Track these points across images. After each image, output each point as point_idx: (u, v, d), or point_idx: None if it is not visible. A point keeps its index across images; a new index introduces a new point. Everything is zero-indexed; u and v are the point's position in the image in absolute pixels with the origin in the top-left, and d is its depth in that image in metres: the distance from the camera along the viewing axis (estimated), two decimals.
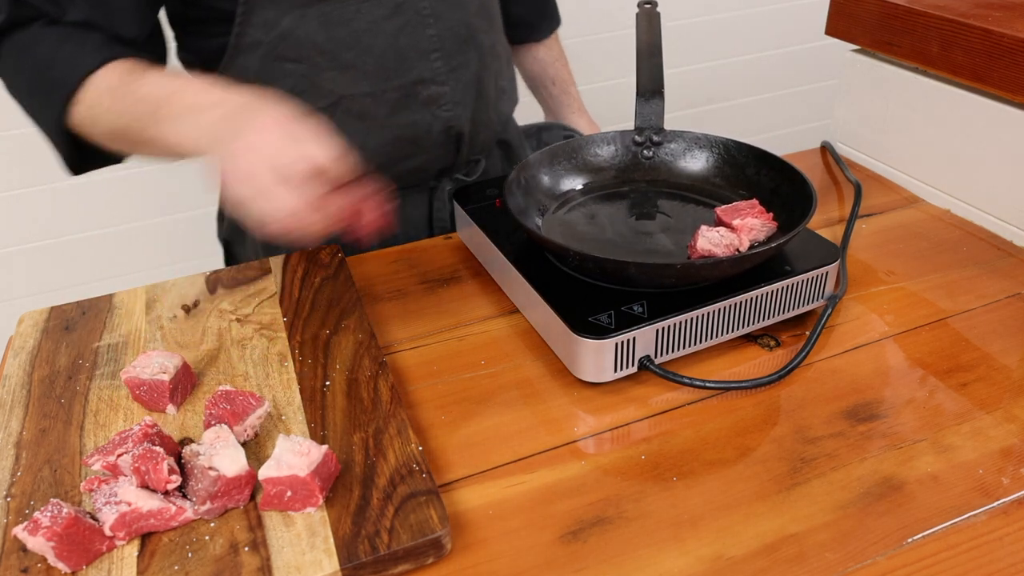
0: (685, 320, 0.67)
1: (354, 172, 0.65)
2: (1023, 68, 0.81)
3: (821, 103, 2.35)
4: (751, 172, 0.82)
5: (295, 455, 0.54)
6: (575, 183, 0.86)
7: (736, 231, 0.73)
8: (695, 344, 0.69)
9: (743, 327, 0.71)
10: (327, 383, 0.65)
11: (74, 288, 1.84)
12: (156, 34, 0.83)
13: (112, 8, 0.75)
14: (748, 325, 0.71)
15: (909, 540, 0.53)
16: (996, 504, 0.55)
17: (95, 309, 0.77)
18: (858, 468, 0.59)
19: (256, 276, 0.80)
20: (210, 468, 0.54)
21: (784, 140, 2.38)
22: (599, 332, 0.64)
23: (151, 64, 0.74)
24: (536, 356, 0.72)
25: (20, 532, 0.50)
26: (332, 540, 0.52)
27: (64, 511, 0.51)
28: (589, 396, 0.67)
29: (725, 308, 0.68)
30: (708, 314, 0.68)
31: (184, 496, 0.55)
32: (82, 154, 0.79)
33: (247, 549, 0.52)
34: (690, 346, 0.69)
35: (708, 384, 0.66)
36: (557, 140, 1.11)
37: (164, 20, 0.86)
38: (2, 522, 0.54)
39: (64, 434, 0.62)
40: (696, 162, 0.87)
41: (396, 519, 0.53)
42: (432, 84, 0.88)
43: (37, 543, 0.50)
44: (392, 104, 0.87)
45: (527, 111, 1.21)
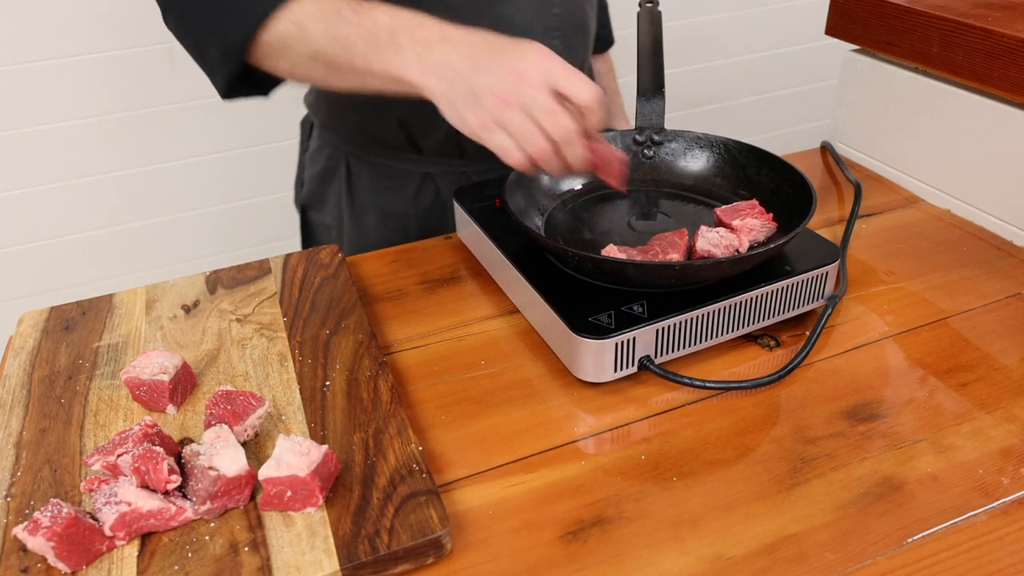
0: (685, 320, 0.67)
1: (604, 124, 0.66)
2: (1023, 68, 0.81)
3: (821, 103, 2.35)
4: (751, 172, 0.82)
5: (295, 455, 0.54)
6: (575, 183, 0.86)
7: (736, 231, 0.73)
8: (695, 344, 0.69)
9: (743, 327, 0.71)
10: (327, 383, 0.66)
11: (74, 288, 1.84)
12: None
13: None
14: (748, 325, 0.71)
15: (909, 540, 0.53)
16: (996, 504, 0.55)
17: (95, 309, 0.77)
18: (858, 468, 0.59)
19: (256, 276, 0.81)
20: (210, 468, 0.54)
21: (784, 140, 2.38)
22: (599, 332, 0.64)
23: None
24: (536, 356, 0.72)
25: (20, 532, 0.50)
26: (332, 540, 0.52)
27: (64, 511, 0.51)
28: (589, 396, 0.67)
29: (725, 308, 0.68)
30: (708, 314, 0.68)
31: (184, 496, 0.55)
32: (240, 79, 0.76)
33: (247, 549, 0.52)
34: (690, 346, 0.69)
35: (708, 384, 0.66)
36: None
37: None
38: (2, 522, 0.54)
39: (64, 434, 0.62)
40: (696, 162, 0.87)
41: (396, 519, 0.53)
42: None
43: (37, 543, 0.50)
44: None
45: None
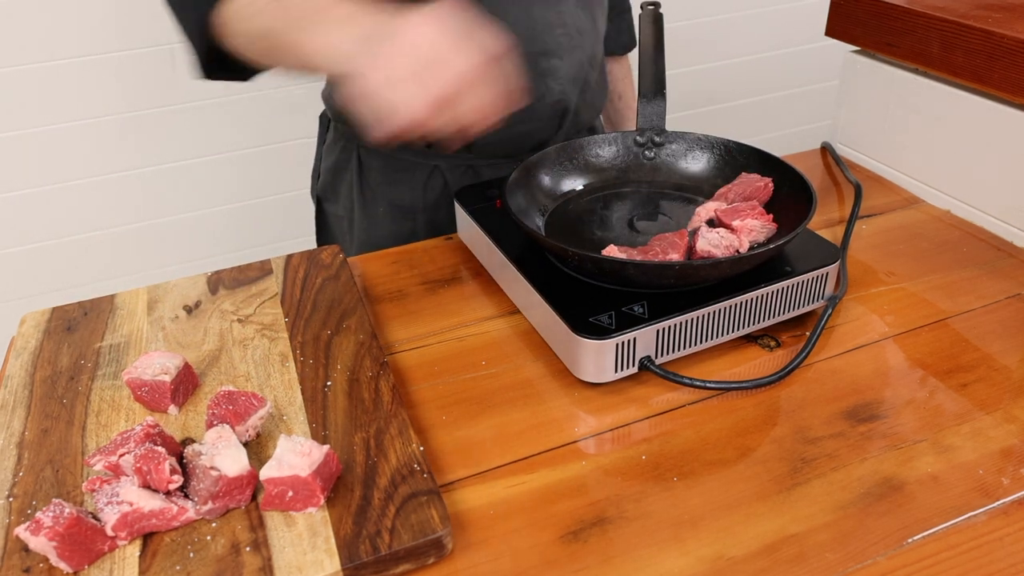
0: (685, 320, 0.67)
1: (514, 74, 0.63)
2: (1023, 69, 0.81)
3: (821, 104, 2.35)
4: (752, 173, 0.82)
5: (296, 455, 0.54)
6: (576, 184, 0.86)
7: (736, 232, 0.73)
8: (695, 344, 0.69)
9: (743, 327, 0.71)
10: (328, 383, 0.66)
11: (76, 289, 1.84)
12: None
13: None
14: (748, 325, 0.71)
15: (909, 540, 0.53)
16: (996, 504, 0.56)
17: (97, 310, 0.77)
18: (858, 468, 0.59)
19: (257, 277, 0.81)
20: (212, 468, 0.54)
21: (784, 141, 2.39)
22: (600, 332, 0.64)
23: None
24: (537, 356, 0.72)
25: (22, 532, 0.51)
26: (333, 540, 0.52)
27: (66, 511, 0.51)
28: (590, 396, 0.67)
29: (725, 308, 0.68)
30: (708, 314, 0.68)
31: (186, 496, 0.55)
32: (218, 61, 0.77)
33: (249, 549, 0.52)
34: (690, 346, 0.69)
35: (708, 384, 0.66)
36: None
37: None
38: (4, 522, 0.54)
39: (66, 434, 0.62)
40: (697, 163, 0.87)
41: (397, 519, 0.53)
42: (552, 57, 0.92)
43: (39, 543, 0.50)
44: None
45: None
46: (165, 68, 1.67)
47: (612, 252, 0.71)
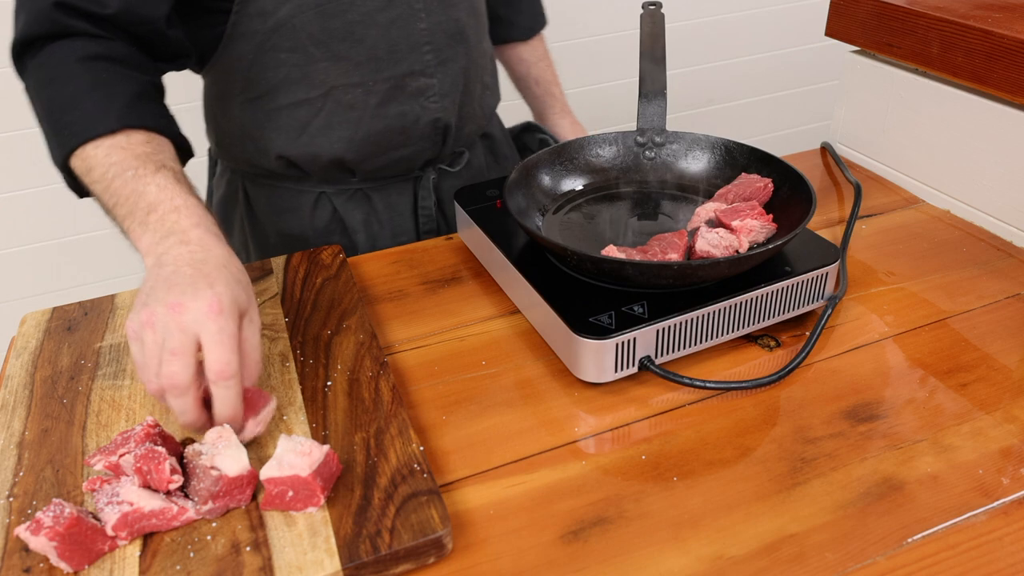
0: (685, 320, 0.67)
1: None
2: (1023, 69, 0.81)
3: (821, 104, 2.35)
4: (752, 173, 0.82)
5: (297, 455, 0.54)
6: (576, 183, 0.86)
7: (735, 232, 0.73)
8: (695, 344, 0.69)
9: (743, 327, 0.71)
10: (328, 383, 0.66)
11: (76, 289, 1.84)
12: (172, 20, 0.80)
13: None
14: (748, 325, 0.71)
15: (909, 540, 0.53)
16: (996, 504, 0.56)
17: (97, 310, 0.77)
18: (858, 468, 0.59)
19: (258, 277, 0.81)
20: (212, 468, 0.54)
21: (784, 141, 2.39)
22: (600, 332, 0.64)
23: (163, 137, 0.72)
24: (537, 356, 0.72)
25: (23, 532, 0.51)
26: (334, 540, 0.52)
27: (66, 511, 0.51)
28: (590, 396, 0.67)
29: (725, 308, 0.68)
30: (708, 314, 0.68)
31: (186, 496, 0.55)
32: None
33: (249, 549, 0.52)
34: (690, 346, 0.69)
35: (708, 384, 0.66)
36: (534, 143, 1.13)
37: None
38: (5, 522, 0.54)
39: (66, 434, 0.62)
40: (697, 163, 0.87)
41: (397, 519, 0.53)
42: (421, 76, 0.90)
43: (39, 543, 0.50)
44: (382, 95, 0.89)
45: (516, 112, 1.21)
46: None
47: (611, 252, 0.71)
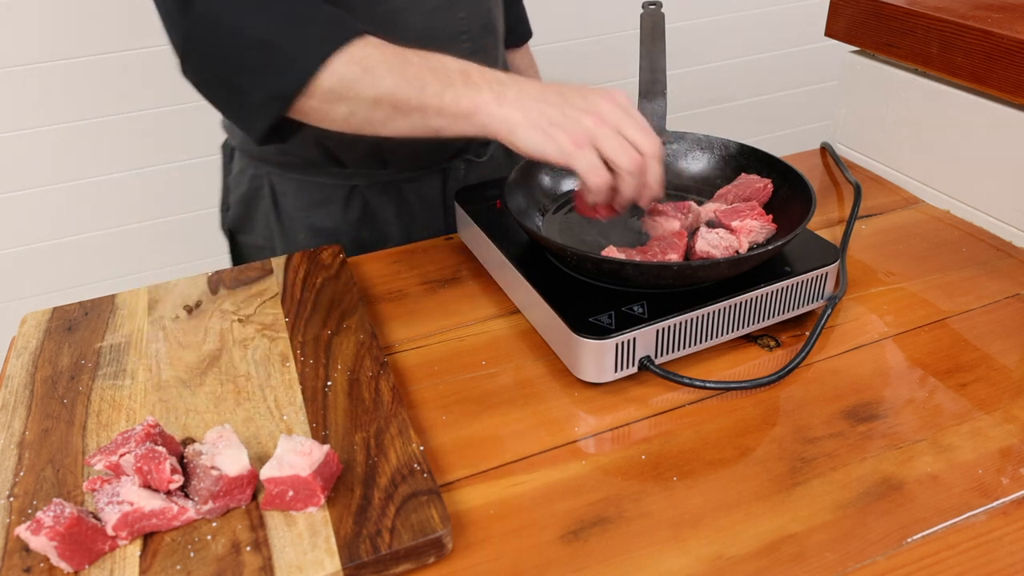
0: (685, 320, 0.67)
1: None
2: (1022, 69, 0.81)
3: (821, 104, 2.35)
4: (751, 173, 0.82)
5: (297, 455, 0.54)
6: (576, 183, 0.86)
7: (735, 232, 0.73)
8: (695, 344, 0.69)
9: (743, 327, 0.71)
10: (329, 383, 0.66)
11: (76, 289, 1.84)
12: None
13: None
14: (748, 325, 0.71)
15: (908, 540, 0.53)
16: (995, 504, 0.56)
17: (97, 309, 0.77)
18: (858, 468, 0.59)
19: (258, 276, 0.81)
20: (212, 468, 0.54)
21: (784, 141, 2.39)
22: (599, 332, 0.64)
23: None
24: (537, 356, 0.72)
25: (23, 532, 0.51)
26: (334, 540, 0.52)
27: (67, 511, 0.51)
28: (589, 396, 0.67)
29: (725, 309, 0.68)
30: (708, 314, 0.68)
31: (186, 496, 0.55)
32: (279, 125, 0.74)
33: (249, 549, 0.52)
34: (690, 346, 0.69)
35: (708, 384, 0.66)
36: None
37: None
38: (5, 522, 0.54)
39: (67, 434, 0.62)
40: (697, 163, 0.87)
41: (397, 519, 0.53)
42: None
43: (40, 543, 0.50)
44: None
45: None
46: (165, 68, 1.67)
47: (611, 252, 0.71)
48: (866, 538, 0.53)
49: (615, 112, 0.66)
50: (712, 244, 0.71)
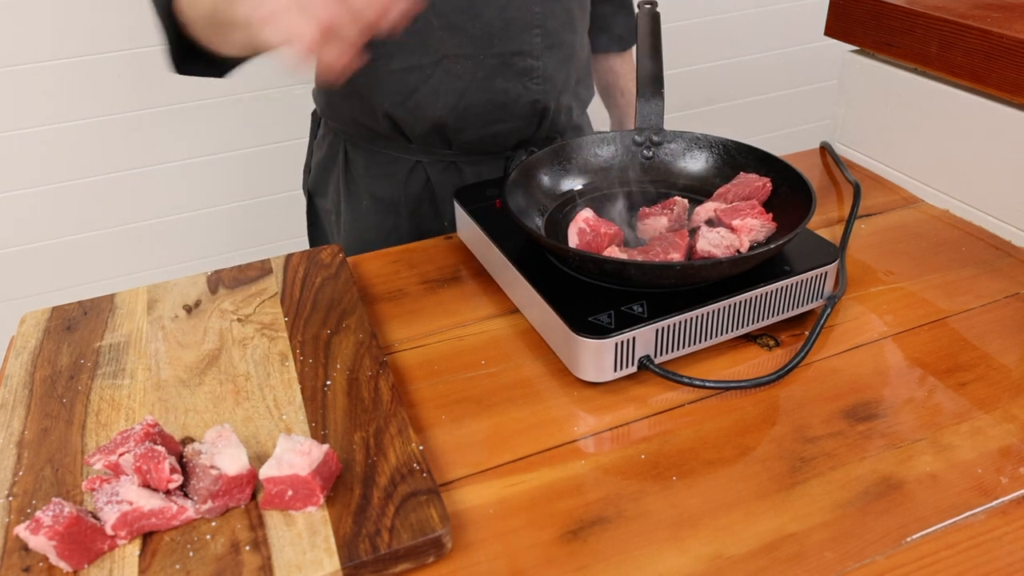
0: (685, 320, 0.67)
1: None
2: (1022, 69, 0.81)
3: (821, 103, 2.35)
4: (751, 172, 0.82)
5: (296, 454, 0.54)
6: (575, 183, 0.86)
7: (736, 231, 0.73)
8: (695, 344, 0.69)
9: (743, 327, 0.71)
10: (328, 383, 0.66)
11: (76, 288, 1.84)
12: None
13: None
14: (748, 325, 0.71)
15: (908, 539, 0.53)
16: (995, 503, 0.56)
17: (96, 309, 0.77)
18: (857, 467, 0.59)
19: (257, 276, 0.81)
20: (211, 467, 0.54)
21: (784, 140, 2.39)
22: (599, 332, 0.64)
23: None
24: (536, 356, 0.72)
25: (22, 531, 0.51)
26: (333, 539, 0.52)
27: (66, 510, 0.51)
28: (589, 396, 0.67)
29: (725, 308, 0.68)
30: (708, 314, 0.68)
31: (185, 495, 0.55)
32: (189, 53, 0.78)
33: (248, 548, 0.52)
34: (690, 346, 0.69)
35: (708, 384, 0.66)
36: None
37: None
38: (4, 521, 0.54)
39: (66, 433, 0.62)
40: (696, 162, 0.87)
41: (397, 518, 0.53)
42: (528, 57, 0.93)
43: (39, 542, 0.50)
44: (489, 70, 0.92)
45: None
46: (164, 68, 1.67)
47: (613, 252, 0.71)
48: (865, 537, 0.53)
49: None
50: (713, 243, 0.71)
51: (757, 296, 0.69)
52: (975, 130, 0.89)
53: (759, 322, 0.71)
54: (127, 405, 0.65)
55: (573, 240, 0.74)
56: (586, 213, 0.74)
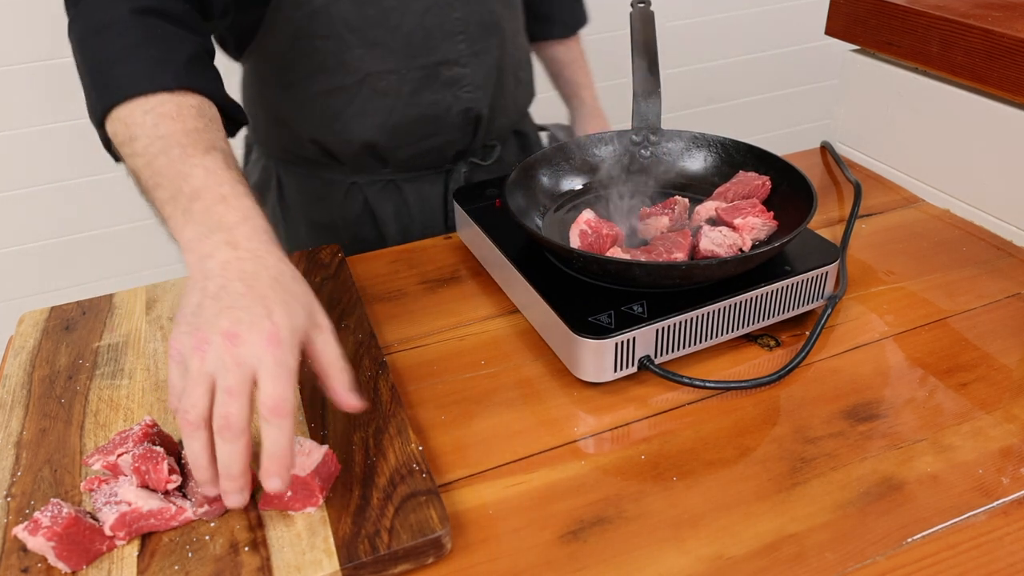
0: (685, 320, 0.67)
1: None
2: (1023, 68, 0.81)
3: (821, 103, 2.35)
4: (749, 171, 0.82)
5: (295, 455, 0.54)
6: (575, 183, 0.86)
7: (738, 230, 0.73)
8: (695, 344, 0.69)
9: (743, 327, 0.71)
10: None
11: (74, 288, 1.84)
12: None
13: None
14: (748, 325, 0.71)
15: (909, 540, 0.53)
16: (996, 504, 0.56)
17: (95, 309, 0.77)
18: (858, 468, 0.59)
19: None
20: None
21: (784, 140, 2.39)
22: (599, 332, 0.64)
23: (215, 110, 0.65)
24: (536, 356, 0.72)
25: (20, 532, 0.50)
26: (332, 540, 0.52)
27: (64, 511, 0.51)
28: (589, 396, 0.67)
29: (725, 308, 0.68)
30: (708, 314, 0.68)
31: (184, 496, 0.55)
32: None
33: (247, 549, 0.52)
34: (690, 346, 0.69)
35: (708, 384, 0.66)
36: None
37: None
38: (2, 522, 0.54)
39: (64, 434, 0.62)
40: (695, 161, 0.87)
41: (396, 519, 0.53)
42: (455, 65, 0.91)
43: (37, 543, 0.50)
44: (416, 83, 0.90)
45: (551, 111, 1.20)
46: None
47: (616, 253, 0.71)
48: (866, 538, 0.53)
49: (256, 354, 0.49)
50: (716, 243, 0.71)
51: (757, 296, 0.69)
52: (976, 130, 0.89)
53: (759, 322, 0.71)
54: (126, 405, 0.65)
55: (575, 241, 0.73)
56: (587, 214, 0.74)
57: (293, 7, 0.84)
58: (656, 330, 0.66)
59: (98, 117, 0.65)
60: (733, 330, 0.70)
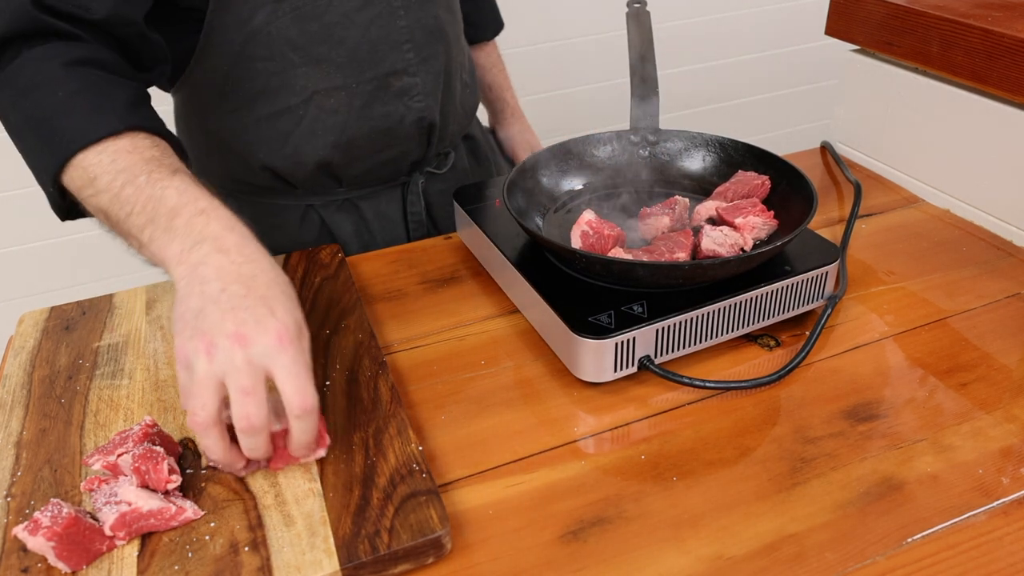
0: (685, 320, 0.67)
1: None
2: (1023, 68, 0.81)
3: (821, 103, 2.35)
4: (749, 170, 0.82)
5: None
6: (574, 183, 0.86)
7: (739, 229, 0.73)
8: (695, 344, 0.69)
9: (743, 327, 0.71)
10: (327, 383, 0.66)
11: (74, 288, 1.84)
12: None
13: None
14: (748, 325, 0.71)
15: (909, 540, 0.53)
16: (996, 504, 0.56)
17: (95, 309, 0.77)
18: (858, 468, 0.59)
19: None
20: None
21: (784, 140, 2.39)
22: (599, 332, 0.64)
23: (168, 145, 0.66)
24: (536, 356, 0.72)
25: (20, 532, 0.50)
26: (332, 540, 0.52)
27: (64, 511, 0.51)
28: (589, 396, 0.67)
29: (725, 308, 0.68)
30: (708, 314, 0.68)
31: (184, 496, 0.55)
32: (74, 205, 0.69)
33: (247, 549, 0.52)
34: (690, 346, 0.69)
35: (708, 384, 0.66)
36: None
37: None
38: (2, 522, 0.54)
39: (64, 434, 0.62)
40: (694, 161, 0.87)
41: (396, 519, 0.53)
42: (404, 75, 0.89)
43: (37, 543, 0.50)
44: (365, 96, 0.88)
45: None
46: None
47: (618, 253, 0.71)
48: (866, 538, 0.53)
49: (268, 352, 0.52)
50: (718, 242, 0.71)
51: (757, 296, 0.69)
52: (976, 130, 0.89)
53: (759, 322, 0.71)
54: (126, 405, 0.65)
55: (576, 242, 0.73)
56: (588, 215, 0.74)
57: (230, 29, 0.81)
58: (656, 330, 0.66)
59: (51, 173, 0.64)
60: (733, 330, 0.70)
